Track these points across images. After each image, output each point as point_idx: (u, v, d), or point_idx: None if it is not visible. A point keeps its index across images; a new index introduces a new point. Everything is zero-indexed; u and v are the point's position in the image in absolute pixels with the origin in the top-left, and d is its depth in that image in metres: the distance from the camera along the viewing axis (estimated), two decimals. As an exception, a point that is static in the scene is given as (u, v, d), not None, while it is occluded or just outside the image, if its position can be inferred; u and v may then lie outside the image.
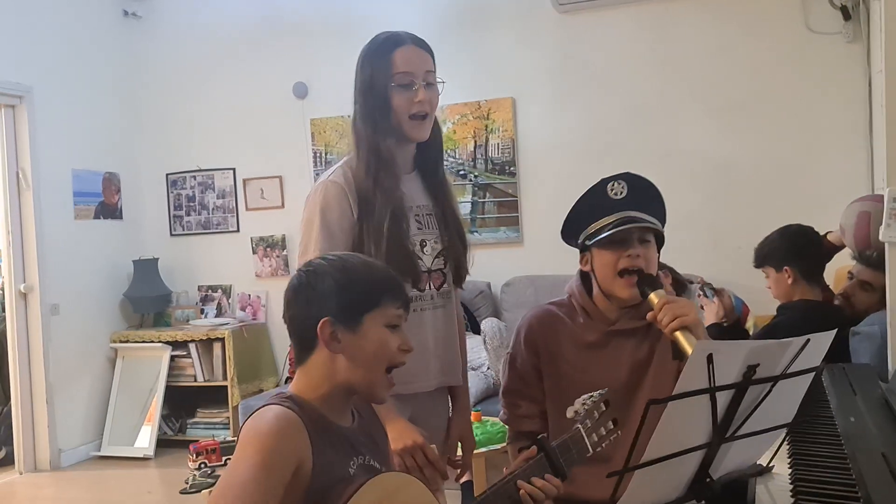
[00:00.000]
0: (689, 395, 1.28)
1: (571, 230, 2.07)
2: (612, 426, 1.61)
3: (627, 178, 1.96)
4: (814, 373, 1.44)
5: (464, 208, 5.19)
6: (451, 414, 2.19)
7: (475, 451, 3.22)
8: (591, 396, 1.64)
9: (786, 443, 1.67)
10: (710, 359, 1.26)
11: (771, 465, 1.59)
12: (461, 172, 5.19)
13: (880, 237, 2.34)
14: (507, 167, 5.14)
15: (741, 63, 4.72)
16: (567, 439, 1.58)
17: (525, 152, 5.12)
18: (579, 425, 1.59)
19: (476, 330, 4.61)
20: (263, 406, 1.42)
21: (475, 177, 5.19)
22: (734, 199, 4.72)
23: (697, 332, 1.78)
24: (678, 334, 1.77)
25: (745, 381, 1.33)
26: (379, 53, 2.00)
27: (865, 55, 4.49)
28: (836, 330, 1.46)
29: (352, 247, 1.93)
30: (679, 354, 2.00)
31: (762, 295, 3.63)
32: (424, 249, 2.05)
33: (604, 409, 1.62)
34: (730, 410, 1.36)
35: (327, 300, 1.45)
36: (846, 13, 4.49)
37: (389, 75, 1.98)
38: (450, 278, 2.12)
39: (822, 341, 1.42)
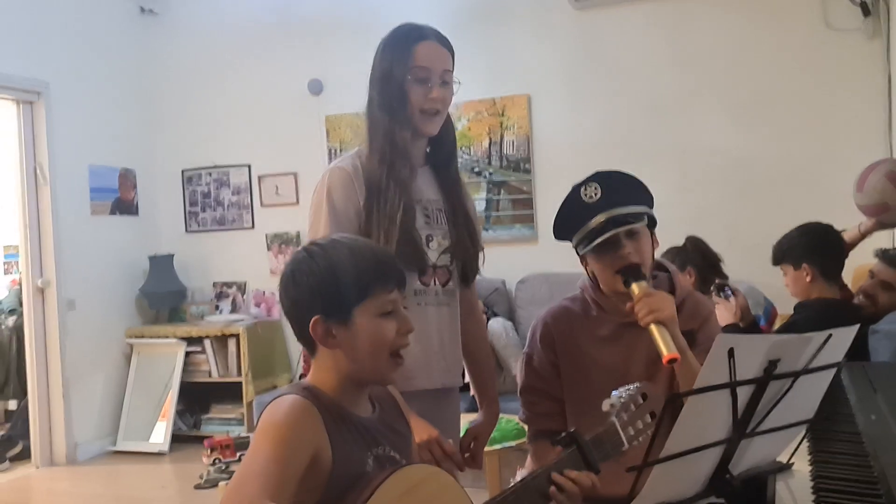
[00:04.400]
0: (710, 390, 1.27)
1: (562, 236, 2.03)
2: (649, 420, 1.58)
3: (597, 178, 1.93)
4: (835, 368, 1.42)
5: (478, 205, 5.18)
6: (481, 419, 2.19)
7: (488, 449, 3.24)
8: (628, 389, 1.61)
9: (806, 440, 1.66)
10: (731, 353, 1.25)
11: (791, 461, 1.57)
12: (476, 170, 5.18)
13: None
14: (522, 164, 5.12)
15: (759, 60, 4.68)
16: (601, 433, 1.53)
17: (540, 149, 5.11)
18: (614, 418, 1.55)
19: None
20: (280, 396, 1.41)
21: (490, 174, 5.18)
22: (751, 197, 4.69)
23: (672, 329, 1.77)
24: (652, 328, 1.76)
25: (766, 376, 1.32)
26: (401, 44, 1.99)
27: (885, 52, 4.45)
28: (857, 325, 1.44)
29: (359, 234, 1.91)
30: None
31: (780, 292, 3.60)
32: (430, 244, 2.03)
33: (641, 401, 1.58)
34: (750, 405, 1.35)
35: (314, 298, 1.42)
36: (865, 9, 4.43)
37: (408, 67, 1.97)
38: (456, 277, 2.10)
39: (845, 336, 1.40)
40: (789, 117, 4.63)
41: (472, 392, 2.26)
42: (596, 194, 1.89)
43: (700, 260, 3.73)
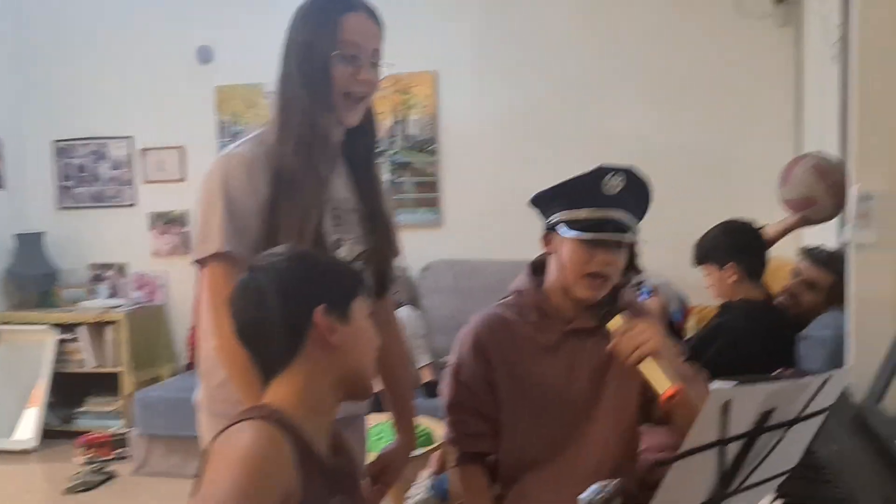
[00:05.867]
0: (699, 451, 1.06)
1: (545, 203, 1.85)
2: None
3: (627, 174, 1.78)
4: (826, 413, 1.25)
5: (381, 187, 4.90)
6: (395, 446, 1.91)
7: None
8: (605, 486, 1.43)
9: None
10: (725, 407, 1.05)
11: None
12: (378, 149, 4.88)
13: (843, 238, 2.20)
14: (426, 145, 4.87)
15: (673, 45, 4.58)
16: None
17: (447, 130, 4.86)
18: None
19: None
20: (242, 420, 1.18)
21: (393, 154, 4.90)
22: (663, 186, 4.55)
23: (662, 359, 1.58)
24: (641, 368, 1.58)
25: (758, 429, 1.12)
26: (325, 13, 1.69)
27: (795, 41, 4.40)
28: (847, 368, 1.27)
29: (265, 234, 1.62)
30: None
31: (692, 286, 3.51)
32: (339, 250, 1.74)
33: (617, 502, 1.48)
34: (737, 460, 1.15)
35: (315, 290, 1.31)
36: (778, -4, 4.39)
37: (334, 41, 1.66)
38: (370, 285, 1.84)
39: (840, 379, 1.22)
40: (702, 104, 4.55)
41: (388, 415, 1.99)
42: (618, 188, 1.74)
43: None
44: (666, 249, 4.00)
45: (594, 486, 1.45)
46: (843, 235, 2.17)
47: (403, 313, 4.17)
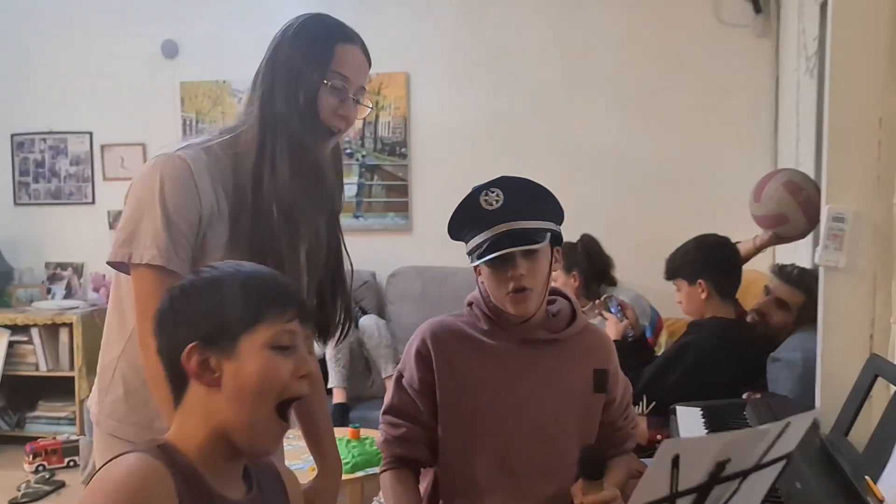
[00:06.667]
0: (646, 507, 0.95)
1: (456, 237, 1.82)
2: None
3: (502, 184, 1.72)
4: (786, 460, 1.14)
5: (349, 190, 4.78)
6: (316, 483, 1.73)
7: (348, 477, 2.86)
8: None
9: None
10: (675, 461, 0.94)
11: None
12: (347, 151, 4.76)
13: (816, 260, 2.10)
14: (397, 148, 4.74)
15: (648, 53, 4.48)
16: None
17: (418, 133, 4.74)
18: None
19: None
20: (122, 454, 1.08)
21: (362, 156, 4.78)
22: (636, 195, 4.50)
23: None
24: None
25: (710, 481, 1.02)
26: (320, 40, 1.61)
27: (774, 51, 4.33)
28: (813, 413, 1.16)
29: (195, 245, 1.53)
30: (602, 387, 1.81)
31: (663, 298, 3.42)
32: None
33: None
34: (688, 516, 1.04)
35: (195, 322, 1.15)
36: (757, 6, 4.31)
37: (326, 70, 1.58)
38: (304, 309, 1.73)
39: (801, 424, 1.11)
40: (676, 114, 4.46)
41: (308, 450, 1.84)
42: (497, 202, 1.68)
43: (587, 265, 3.51)
44: (639, 260, 3.93)
45: None
46: (816, 257, 2.07)
47: (370, 322, 4.05)
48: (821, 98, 2.96)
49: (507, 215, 1.68)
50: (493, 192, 1.69)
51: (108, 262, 1.55)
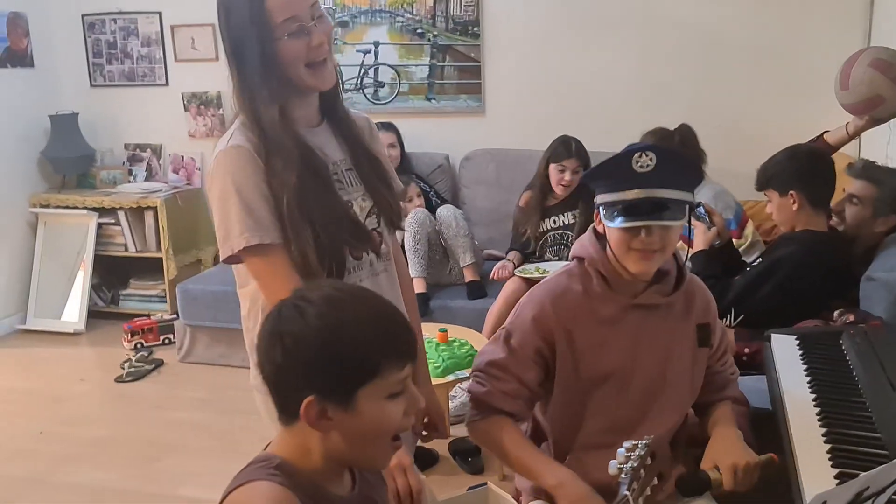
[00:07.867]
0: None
1: (591, 182, 1.81)
2: (656, 482, 1.46)
3: (657, 150, 1.70)
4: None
5: (421, 72, 4.72)
6: None
7: (437, 381, 2.92)
8: (636, 446, 1.42)
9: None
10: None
11: None
12: (419, 31, 4.67)
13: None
14: (470, 28, 4.62)
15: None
16: None
17: (491, 11, 4.60)
18: (627, 492, 1.38)
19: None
20: (248, 482, 1.16)
21: (434, 36, 4.68)
22: (717, 76, 4.36)
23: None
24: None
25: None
26: (243, 3, 1.56)
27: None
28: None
29: (282, 224, 1.58)
30: (706, 341, 1.85)
31: (739, 181, 3.37)
32: (351, 210, 1.69)
33: (650, 462, 1.45)
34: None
35: (308, 374, 1.15)
36: None
37: (269, 29, 1.55)
38: (387, 236, 1.80)
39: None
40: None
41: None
42: (649, 164, 1.68)
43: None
44: (718, 143, 3.87)
45: (622, 450, 1.43)
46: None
47: (447, 212, 4.07)
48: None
49: (656, 180, 1.67)
50: (647, 155, 1.68)
51: (222, 262, 1.62)
